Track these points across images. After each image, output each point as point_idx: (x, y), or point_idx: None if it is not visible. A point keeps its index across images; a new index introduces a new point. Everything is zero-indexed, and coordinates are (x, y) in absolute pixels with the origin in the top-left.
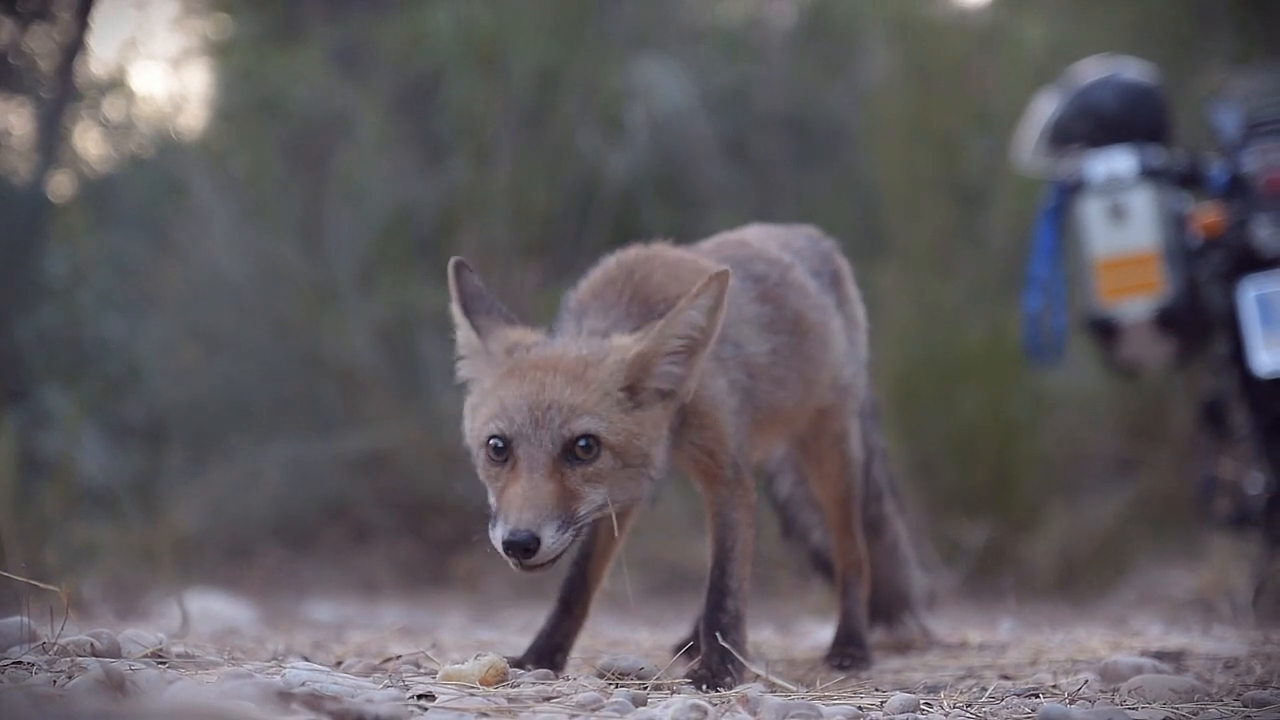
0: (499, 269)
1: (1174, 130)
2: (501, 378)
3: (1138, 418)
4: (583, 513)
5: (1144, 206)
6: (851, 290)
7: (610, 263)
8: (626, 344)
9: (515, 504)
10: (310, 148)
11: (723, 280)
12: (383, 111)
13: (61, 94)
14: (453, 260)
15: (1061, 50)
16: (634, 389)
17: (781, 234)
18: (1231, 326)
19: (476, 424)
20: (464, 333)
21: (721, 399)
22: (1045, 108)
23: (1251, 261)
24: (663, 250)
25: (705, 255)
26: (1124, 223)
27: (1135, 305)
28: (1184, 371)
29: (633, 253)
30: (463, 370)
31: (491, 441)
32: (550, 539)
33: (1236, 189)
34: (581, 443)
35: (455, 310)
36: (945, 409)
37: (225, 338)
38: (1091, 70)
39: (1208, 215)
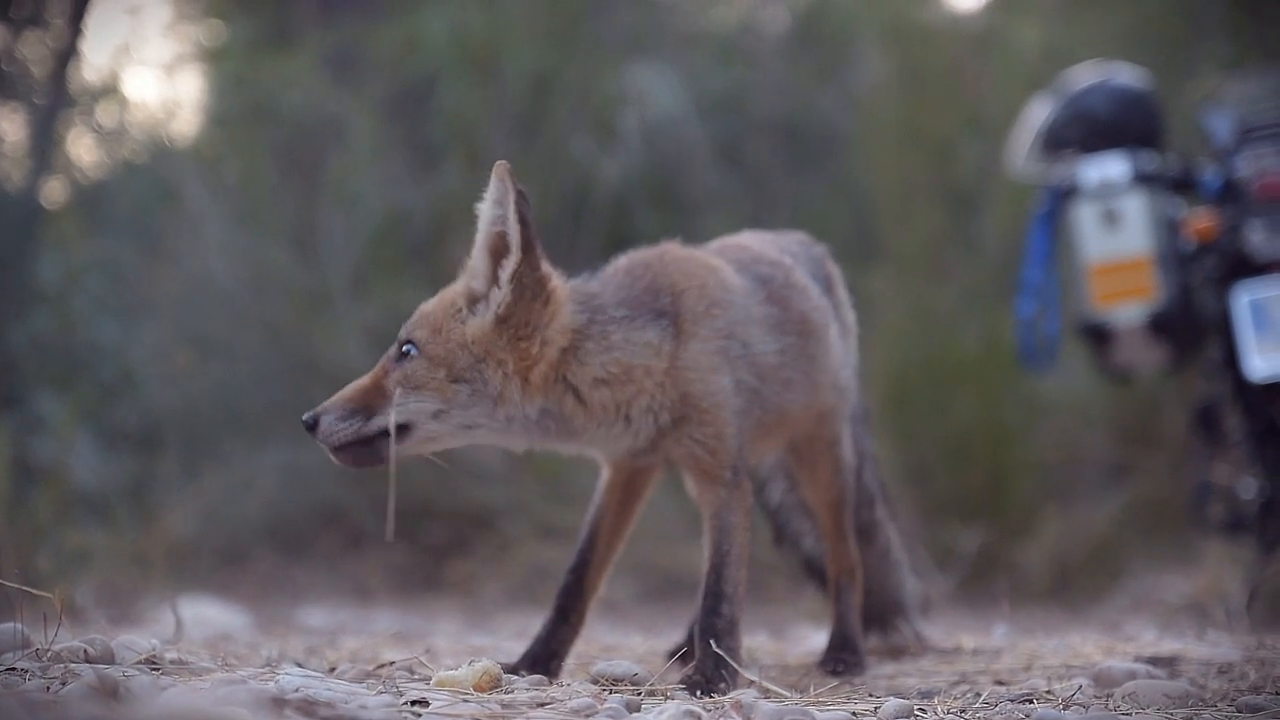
0: None
1: (1167, 135)
2: None
3: (1131, 423)
4: (381, 408)
5: (1137, 211)
6: (842, 295)
7: (623, 261)
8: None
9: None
10: (303, 153)
11: (501, 170)
12: (375, 117)
13: (55, 100)
14: (501, 164)
15: (1055, 55)
16: (472, 301)
17: (776, 239)
18: (1225, 331)
19: None
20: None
21: (724, 397)
22: (1038, 113)
23: (1245, 266)
24: (673, 248)
25: (732, 270)
26: (1117, 228)
27: (1128, 310)
28: (1177, 376)
29: (644, 252)
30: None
31: None
32: (326, 426)
33: (1230, 194)
34: (404, 347)
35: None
36: (939, 414)
37: (218, 343)
38: (1085, 75)
39: (1201, 220)
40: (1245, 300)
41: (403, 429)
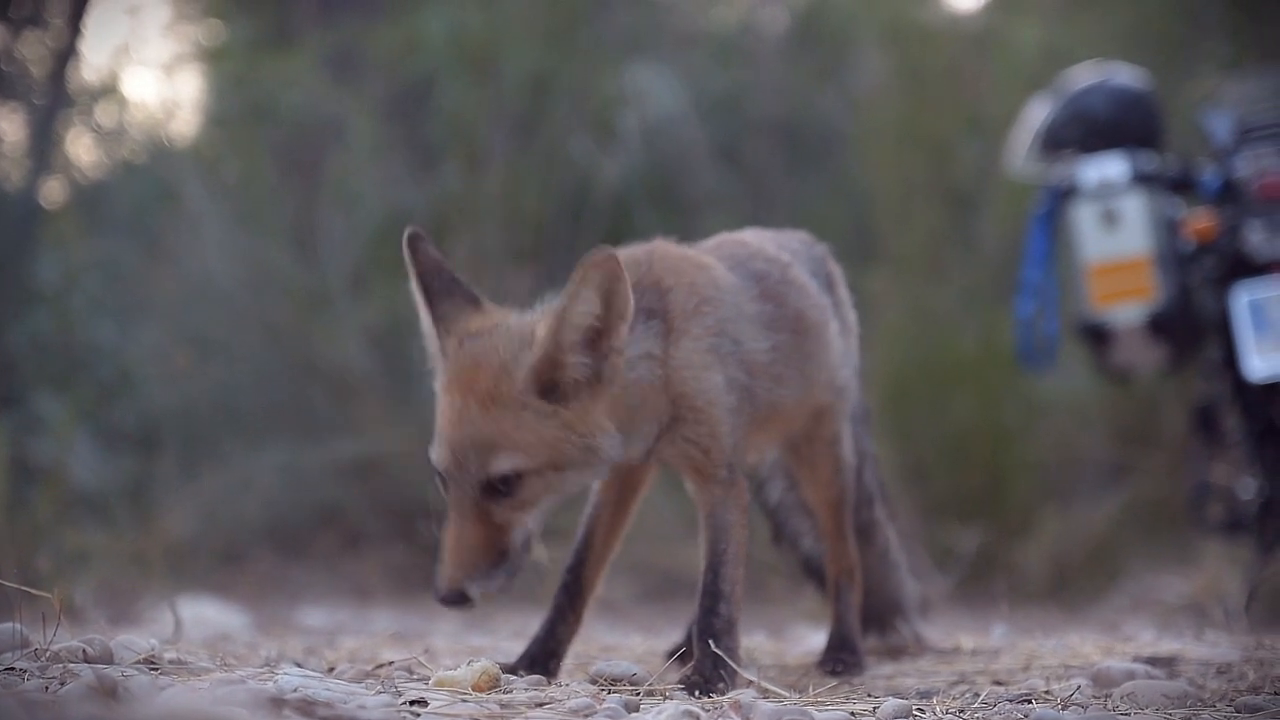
0: (491, 275)
1: (1166, 135)
2: (441, 387)
3: (1130, 423)
4: (515, 542)
5: (1136, 212)
6: (843, 294)
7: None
8: (540, 339)
9: (445, 556)
10: (302, 153)
11: (602, 261)
12: (375, 117)
13: (54, 100)
14: (407, 231)
15: (1054, 55)
16: (550, 387)
17: (776, 237)
18: (1224, 332)
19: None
20: (424, 318)
21: (717, 395)
22: (1037, 113)
23: (1244, 267)
24: (663, 246)
25: (706, 254)
26: (1116, 228)
27: (1127, 310)
28: (1176, 377)
29: (634, 249)
30: (428, 353)
31: (435, 473)
32: (477, 591)
33: (1229, 194)
34: (501, 483)
35: (414, 290)
36: (937, 414)
37: (217, 343)
38: (1084, 75)
39: (1200, 220)
40: (1244, 300)
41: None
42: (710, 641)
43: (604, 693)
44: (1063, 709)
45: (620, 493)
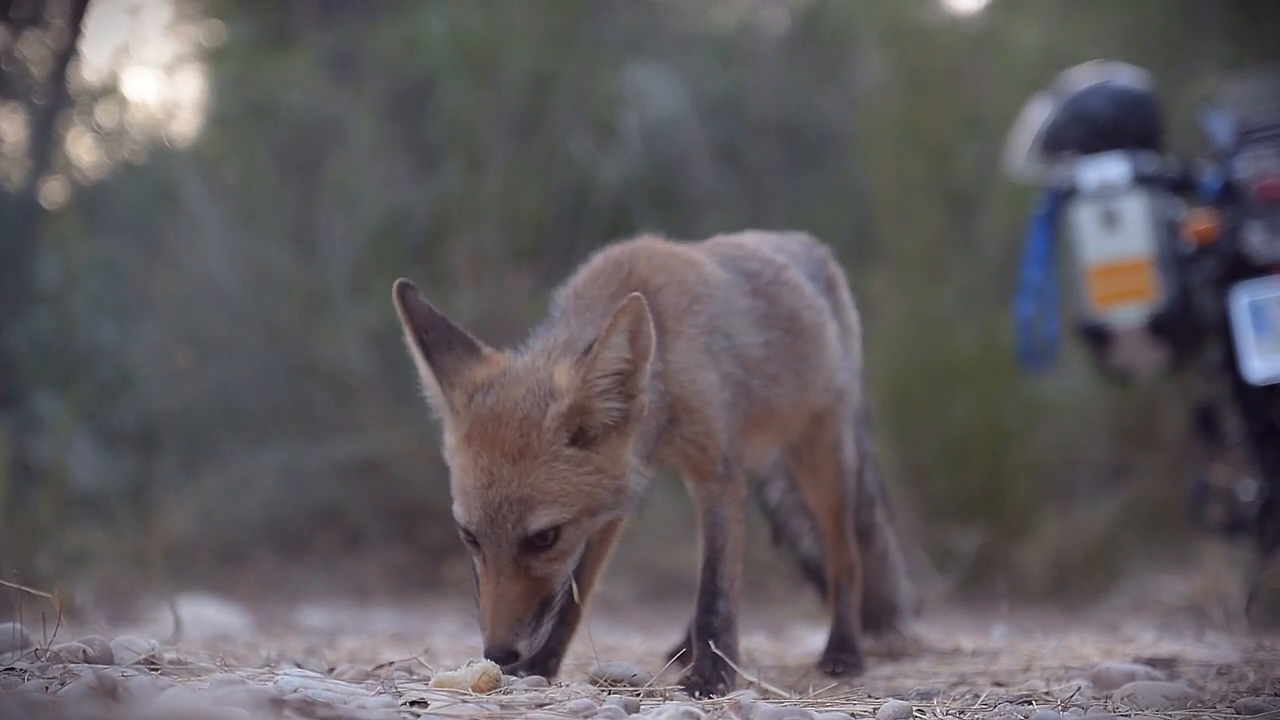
0: (491, 275)
1: (1166, 136)
2: (460, 443)
3: (1130, 424)
4: (556, 591)
5: (1136, 213)
6: (845, 296)
7: (598, 260)
8: (563, 387)
9: (489, 614)
10: (303, 154)
11: (633, 307)
12: (375, 117)
13: (54, 100)
14: (397, 284)
15: (1054, 56)
16: (581, 434)
17: (776, 240)
18: (1224, 333)
19: (452, 489)
20: (424, 373)
21: (712, 393)
22: (1038, 114)
23: (1244, 268)
24: (649, 243)
25: (709, 259)
26: (1117, 229)
27: (1128, 311)
28: (1176, 378)
29: (619, 249)
30: (431, 404)
31: (461, 530)
32: (527, 646)
33: (1229, 195)
34: (538, 540)
35: (410, 344)
36: (938, 414)
37: (217, 343)
38: (1084, 76)
39: (1200, 222)
40: (1245, 301)
41: None
42: (709, 639)
43: (604, 693)
44: (1063, 710)
45: None
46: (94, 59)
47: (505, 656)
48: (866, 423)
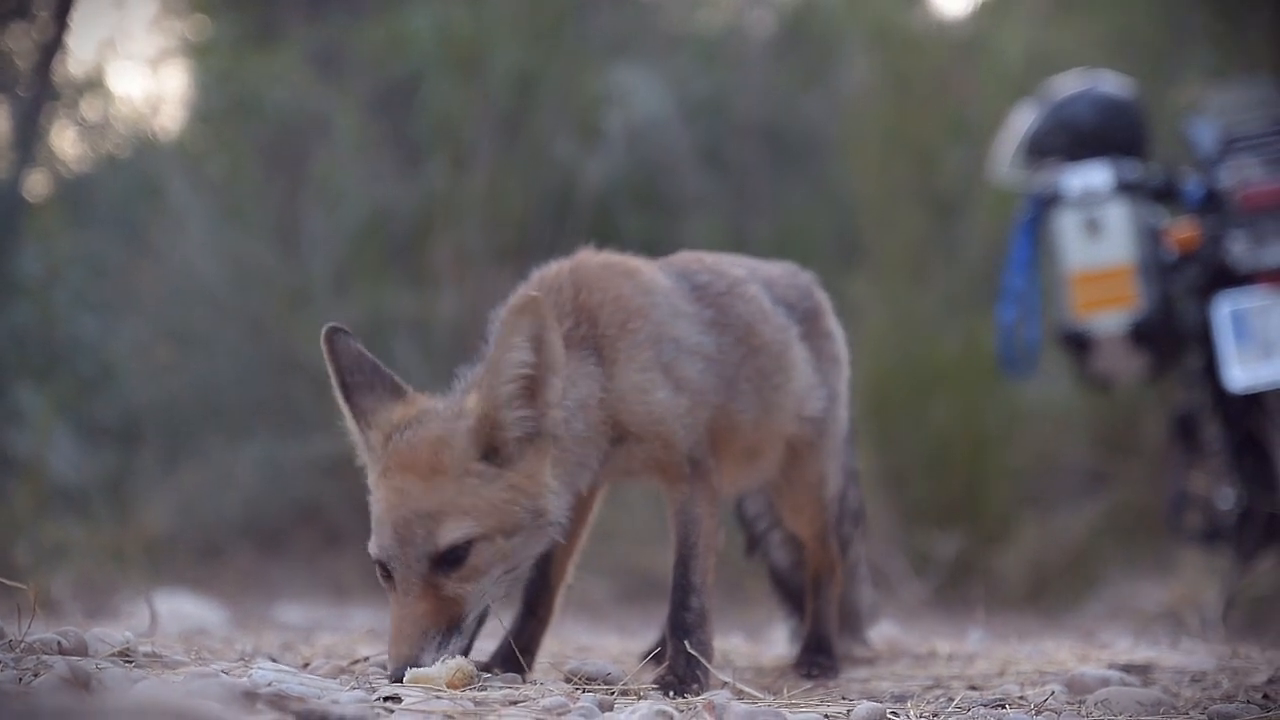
0: (474, 274)
1: (1150, 144)
2: (376, 480)
3: (1110, 431)
4: (467, 614)
5: (1119, 220)
6: (830, 326)
7: (533, 282)
8: (470, 407)
9: (393, 631)
10: (287, 150)
11: (529, 306)
12: (360, 114)
13: (39, 93)
14: (326, 329)
15: (1040, 62)
16: (492, 450)
17: (756, 263)
18: (1205, 341)
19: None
20: (345, 415)
21: (661, 411)
22: (1022, 120)
23: (1226, 277)
24: (584, 260)
25: (651, 266)
26: (1099, 236)
27: (1109, 319)
28: (1157, 385)
29: (554, 269)
30: (357, 452)
31: (376, 565)
32: (430, 662)
33: (1212, 204)
34: (449, 555)
35: (334, 386)
36: (918, 419)
37: (199, 338)
38: (1069, 83)
39: (1183, 230)
40: (1226, 310)
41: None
42: (684, 637)
43: (578, 691)
44: (1036, 714)
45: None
46: (79, 52)
47: (399, 673)
48: (850, 440)
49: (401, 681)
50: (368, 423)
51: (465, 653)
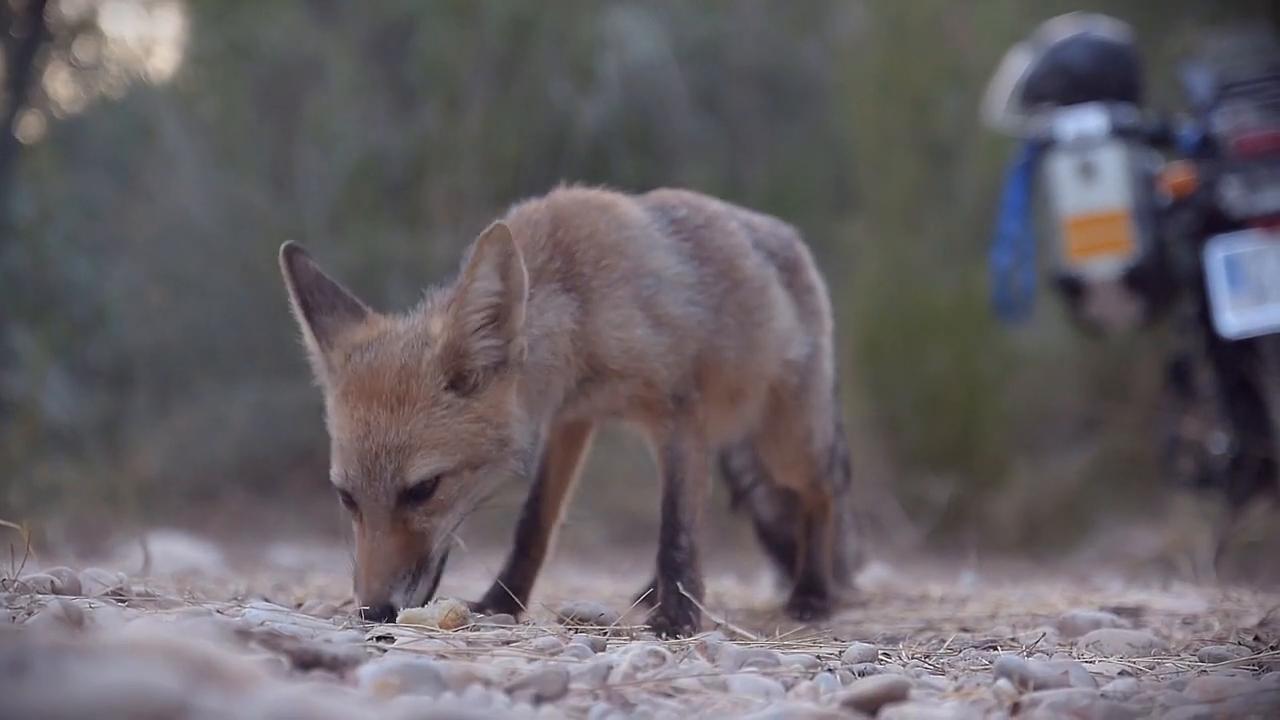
0: (469, 216)
1: (1145, 90)
2: (336, 401)
3: (1103, 377)
4: (433, 549)
5: (1114, 165)
6: (812, 279)
7: (511, 216)
8: (436, 332)
9: (364, 568)
10: (281, 92)
11: (497, 235)
12: (355, 57)
13: (32, 34)
14: (284, 246)
15: (1035, 8)
16: (459, 379)
17: (740, 212)
18: (1199, 287)
19: (331, 455)
20: (305, 334)
21: (641, 347)
22: (1017, 65)
23: (1220, 222)
24: (561, 196)
25: (628, 201)
26: (1094, 181)
27: (1103, 264)
28: (1150, 331)
29: (531, 205)
30: (314, 367)
31: (339, 492)
32: (402, 600)
33: (1207, 149)
34: (417, 490)
35: (294, 305)
36: (912, 365)
37: (192, 281)
38: (1064, 28)
39: (1177, 175)
40: (1220, 256)
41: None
42: (674, 576)
43: (571, 632)
44: (1027, 656)
45: (569, 429)
46: None
47: (381, 612)
48: (836, 391)
49: (375, 618)
50: (329, 342)
51: (430, 595)
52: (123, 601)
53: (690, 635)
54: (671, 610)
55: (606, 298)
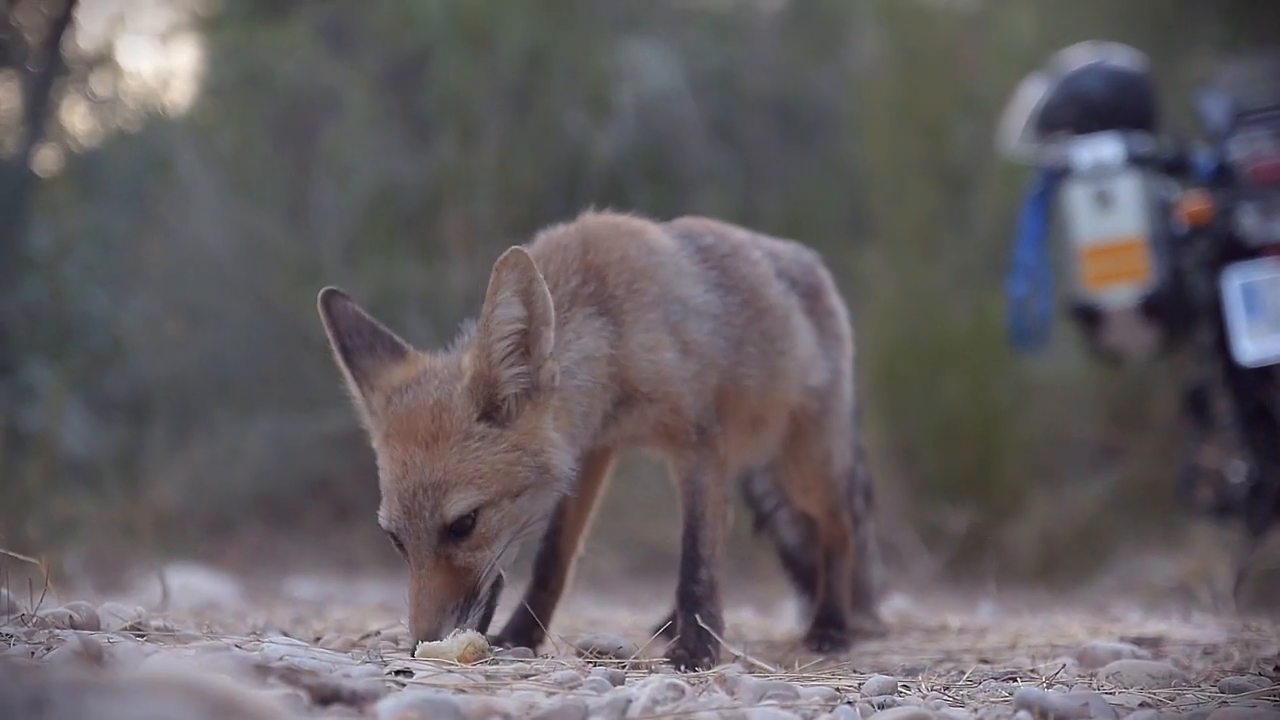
0: (484, 247)
1: (1161, 118)
2: (380, 444)
3: (1121, 405)
4: (481, 580)
5: (1130, 193)
6: (833, 303)
7: (540, 243)
8: (466, 365)
9: (412, 606)
10: (297, 124)
11: (514, 261)
12: (370, 89)
13: (49, 68)
14: (322, 292)
15: (1050, 36)
16: (492, 409)
17: (763, 239)
18: (1216, 314)
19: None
20: (346, 378)
21: (670, 370)
22: (1033, 93)
23: (1237, 250)
24: (590, 221)
25: (656, 228)
26: (1110, 209)
27: (1120, 292)
28: (1167, 359)
29: (561, 231)
30: (359, 416)
31: (388, 535)
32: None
33: (1223, 177)
34: (455, 526)
35: (334, 349)
36: (929, 393)
37: (209, 313)
38: (1079, 57)
39: (1193, 203)
40: (1237, 284)
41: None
42: (694, 610)
43: (590, 665)
44: (1048, 687)
45: (589, 461)
46: (89, 27)
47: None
48: (857, 416)
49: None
50: (370, 385)
51: (486, 621)
52: (141, 636)
53: (709, 668)
54: (691, 643)
55: (639, 321)
